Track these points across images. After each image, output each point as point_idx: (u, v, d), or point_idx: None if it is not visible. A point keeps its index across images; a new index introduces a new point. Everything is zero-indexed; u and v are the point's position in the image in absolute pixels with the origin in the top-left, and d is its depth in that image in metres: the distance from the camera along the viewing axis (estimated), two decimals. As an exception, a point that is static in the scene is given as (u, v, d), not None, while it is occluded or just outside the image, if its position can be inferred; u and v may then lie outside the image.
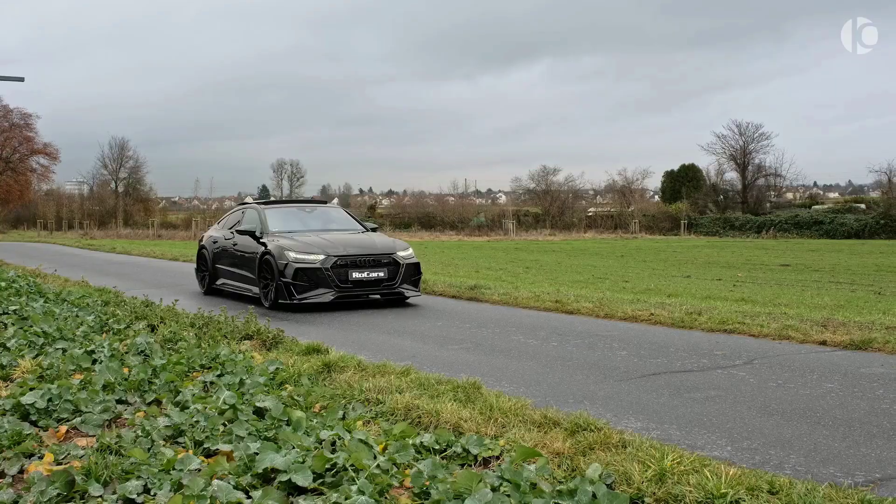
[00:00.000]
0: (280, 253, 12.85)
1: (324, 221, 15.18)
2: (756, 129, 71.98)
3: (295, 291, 12.58)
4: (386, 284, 13.05)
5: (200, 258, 16.17)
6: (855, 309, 13.09)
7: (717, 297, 14.98)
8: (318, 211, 15.79)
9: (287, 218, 14.84)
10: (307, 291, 12.59)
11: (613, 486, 4.24)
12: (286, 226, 14.41)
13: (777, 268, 26.59)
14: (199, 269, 16.30)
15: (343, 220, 15.53)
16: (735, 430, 5.50)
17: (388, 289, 13.10)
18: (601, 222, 70.27)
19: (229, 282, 14.94)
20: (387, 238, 14.25)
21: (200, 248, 16.24)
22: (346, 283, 12.72)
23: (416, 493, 4.13)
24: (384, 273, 12.99)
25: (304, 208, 15.76)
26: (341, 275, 12.68)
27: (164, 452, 4.65)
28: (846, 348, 8.64)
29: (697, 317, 10.69)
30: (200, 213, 74.15)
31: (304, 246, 12.98)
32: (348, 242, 13.30)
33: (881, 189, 68.85)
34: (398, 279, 13.13)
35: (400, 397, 6.01)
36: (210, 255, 15.66)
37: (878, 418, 5.78)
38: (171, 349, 8.22)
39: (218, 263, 15.39)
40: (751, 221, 64.34)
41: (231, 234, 15.10)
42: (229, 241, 15.00)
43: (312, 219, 15.17)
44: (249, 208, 15.42)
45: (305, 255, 12.72)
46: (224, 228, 15.77)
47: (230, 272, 14.89)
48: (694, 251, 39.29)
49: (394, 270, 13.10)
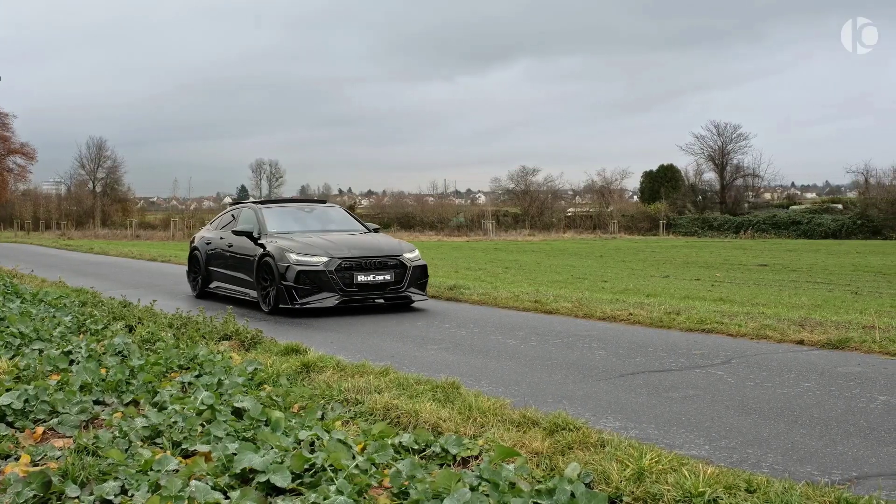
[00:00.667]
0: (280, 255, 12.27)
1: (323, 222, 14.54)
2: (734, 130, 72.27)
3: (297, 295, 12.00)
4: (392, 288, 12.47)
5: (192, 260, 15.49)
6: (832, 308, 13.18)
7: (696, 297, 15.05)
8: (318, 211, 15.07)
9: (286, 218, 14.21)
10: (310, 295, 12.02)
11: (592, 486, 4.25)
12: (285, 226, 13.80)
13: (755, 268, 26.72)
14: (190, 271, 15.64)
15: (343, 220, 14.86)
16: (713, 429, 5.53)
17: (394, 292, 12.51)
18: (580, 222, 70.38)
19: (224, 285, 14.30)
20: (392, 239, 13.71)
21: (192, 250, 15.52)
22: (350, 287, 12.13)
23: (395, 493, 4.13)
24: (390, 276, 12.40)
25: (302, 208, 15.09)
26: (345, 278, 12.09)
27: (142, 453, 4.62)
28: (823, 348, 8.69)
29: (676, 316, 10.73)
30: (179, 214, 73.89)
31: (306, 247, 12.40)
32: (352, 244, 12.71)
33: (858, 189, 69.31)
34: (405, 282, 12.53)
35: (379, 397, 6.00)
36: (203, 256, 14.98)
37: (855, 417, 5.82)
38: (148, 350, 8.18)
39: (212, 265, 14.74)
40: (729, 222, 64.63)
41: (226, 234, 14.48)
42: (224, 243, 14.37)
43: (312, 219, 14.53)
44: (245, 208, 14.76)
45: (308, 257, 12.15)
46: (218, 229, 15.16)
47: (225, 275, 14.26)
48: (672, 251, 39.42)
49: (400, 273, 12.50)
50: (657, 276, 22.32)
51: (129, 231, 65.58)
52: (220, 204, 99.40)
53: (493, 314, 12.04)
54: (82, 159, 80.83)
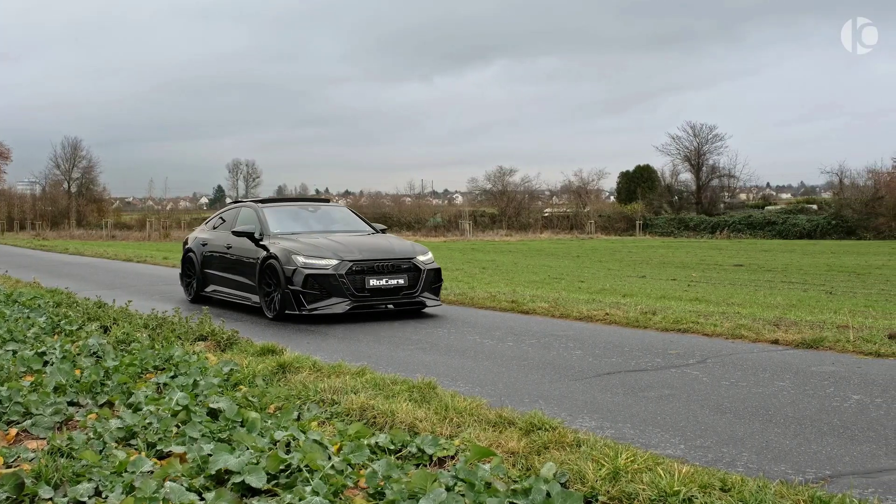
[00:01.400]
0: (286, 257, 11.48)
1: (328, 222, 13.70)
2: (710, 131, 72.70)
3: (304, 301, 11.20)
4: (406, 293, 11.70)
5: (186, 262, 14.64)
6: (807, 308, 13.28)
7: (672, 297, 15.12)
8: (322, 210, 14.18)
9: (289, 218, 13.39)
10: (319, 301, 11.23)
11: (568, 485, 4.26)
12: (288, 226, 12.99)
13: (731, 268, 26.88)
14: (184, 274, 14.80)
15: (349, 220, 14.05)
16: (688, 429, 5.56)
17: (408, 297, 11.75)
18: (557, 223, 70.57)
19: (222, 289, 13.51)
20: (404, 240, 13.02)
21: (186, 252, 14.64)
22: (362, 292, 11.32)
23: (371, 494, 4.12)
24: (404, 280, 11.63)
25: (306, 207, 14.22)
26: (357, 282, 11.30)
27: (117, 454, 4.59)
28: (798, 347, 8.75)
29: (652, 316, 10.78)
30: (155, 214, 73.48)
31: (314, 249, 11.61)
32: (362, 245, 11.92)
33: (832, 190, 69.78)
34: (419, 287, 11.80)
35: (355, 398, 5.99)
36: (198, 259, 14.14)
37: (829, 416, 5.86)
38: (123, 350, 8.13)
39: (208, 268, 13.92)
40: (705, 222, 64.99)
41: (224, 235, 13.66)
42: (222, 244, 13.56)
43: (316, 219, 13.69)
44: (245, 207, 13.89)
45: (316, 259, 11.36)
46: (215, 229, 14.39)
47: (223, 278, 13.45)
48: (649, 251, 39.60)
49: (414, 277, 11.76)
50: (634, 277, 22.41)
51: (105, 231, 65.19)
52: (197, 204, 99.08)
53: (469, 314, 12.04)
54: (57, 159, 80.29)
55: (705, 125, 73.09)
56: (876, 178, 62.68)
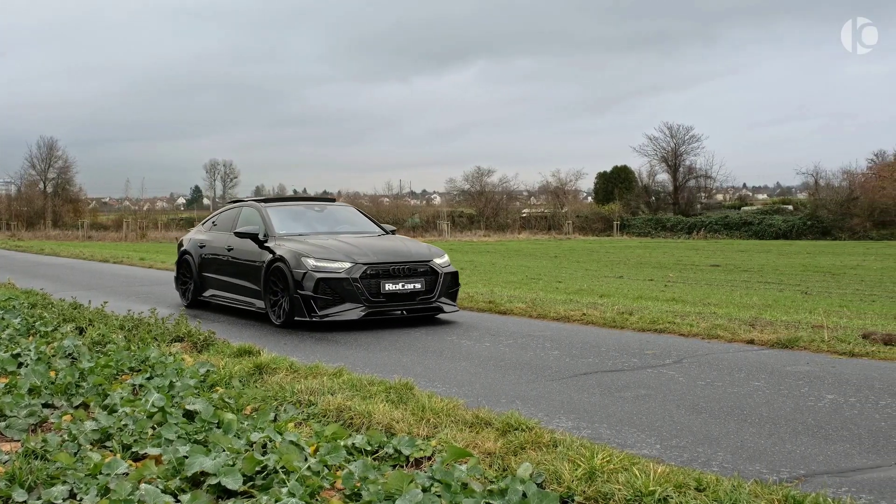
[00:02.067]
0: (296, 260, 10.78)
1: (336, 222, 13.02)
2: (687, 132, 73.05)
3: (316, 306, 10.51)
4: (423, 298, 11.02)
5: (182, 265, 13.87)
6: (782, 308, 13.37)
7: (649, 297, 15.18)
8: (328, 210, 13.48)
9: (294, 218, 12.70)
10: (331, 307, 10.54)
11: (544, 485, 4.27)
12: (294, 227, 12.30)
13: (707, 268, 27.02)
14: (179, 278, 14.02)
15: (357, 220, 13.32)
16: (664, 429, 5.58)
17: (424, 303, 11.06)
18: (535, 223, 70.73)
19: (222, 293, 12.76)
20: (419, 242, 12.34)
21: (182, 254, 13.91)
22: (377, 297, 10.67)
23: (348, 495, 4.12)
24: (421, 284, 10.96)
25: (311, 207, 13.48)
26: (372, 287, 10.63)
27: (91, 457, 4.57)
28: (773, 347, 8.81)
29: (629, 317, 10.82)
30: (132, 214, 73.00)
31: (325, 251, 10.92)
32: (376, 247, 11.25)
33: (808, 191, 70.22)
34: (437, 291, 11.11)
35: (332, 399, 5.98)
36: (195, 261, 13.38)
37: (803, 415, 5.91)
38: (99, 352, 8.08)
39: (206, 272, 13.17)
40: (682, 222, 65.31)
41: (224, 236, 12.91)
42: (222, 246, 12.79)
43: (323, 219, 13.00)
44: (247, 206, 13.15)
45: (328, 262, 10.67)
46: (213, 230, 13.62)
47: (224, 282, 12.70)
48: (626, 252, 39.75)
49: (432, 281, 11.09)
50: (611, 277, 22.49)
51: (81, 232, 64.72)
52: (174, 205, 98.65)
53: (447, 315, 12.04)
54: (33, 159, 79.54)
55: (682, 126, 73.54)
56: (851, 179, 63.24)
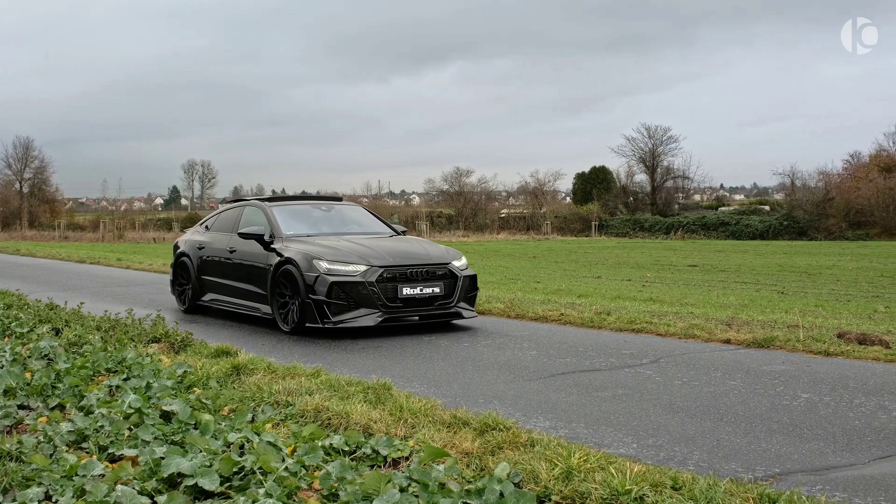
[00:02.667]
0: (307, 262, 10.15)
1: (344, 223, 12.43)
2: (664, 132, 73.32)
3: (329, 312, 9.87)
4: (441, 302, 10.39)
5: (179, 268, 13.15)
6: (758, 308, 13.46)
7: (627, 297, 15.25)
8: (336, 210, 12.86)
9: (301, 218, 12.08)
10: (345, 312, 9.91)
11: (521, 485, 4.28)
12: (301, 228, 11.68)
13: (685, 268, 27.14)
14: (176, 281, 13.27)
15: (366, 221, 12.73)
16: (641, 428, 5.61)
17: (443, 308, 10.43)
18: (514, 223, 70.82)
19: (224, 298, 12.07)
20: (436, 244, 11.63)
21: (179, 256, 13.19)
22: (394, 302, 10.03)
23: (325, 495, 4.12)
24: (440, 288, 10.32)
25: (318, 206, 12.78)
26: (389, 291, 10.01)
27: (67, 458, 4.54)
28: (749, 346, 8.87)
29: (606, 317, 10.86)
30: (109, 215, 72.61)
31: (338, 253, 10.28)
32: (392, 249, 10.63)
33: (784, 191, 70.68)
34: (456, 296, 10.50)
35: (310, 399, 5.98)
36: (194, 263, 12.69)
37: (779, 414, 5.95)
38: (75, 353, 8.03)
39: (206, 275, 12.49)
40: (660, 223, 65.56)
41: (225, 237, 12.27)
42: (223, 247, 12.13)
43: (331, 219, 12.40)
44: (249, 206, 12.46)
45: (342, 265, 10.05)
46: (213, 231, 12.88)
47: (225, 286, 12.01)
48: (605, 252, 39.87)
49: (451, 285, 10.47)
50: (589, 277, 22.56)
51: (58, 232, 64.28)
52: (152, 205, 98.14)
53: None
54: (8, 159, 78.83)
55: (660, 127, 73.76)
56: (826, 179, 63.78)
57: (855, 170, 64.39)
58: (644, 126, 74.51)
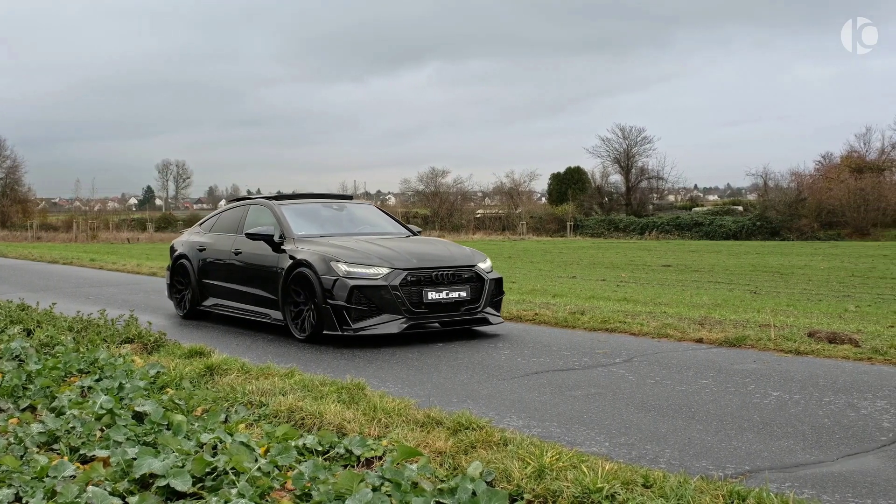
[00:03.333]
0: (324, 265, 9.45)
1: (357, 223, 11.68)
2: (639, 133, 73.64)
3: (349, 318, 9.17)
4: (468, 308, 9.73)
5: (178, 271, 12.37)
6: (731, 307, 13.54)
7: (601, 297, 15.30)
8: (348, 209, 12.04)
9: (311, 217, 11.32)
10: (367, 318, 9.21)
11: (494, 484, 4.30)
12: (313, 228, 10.94)
13: (659, 268, 27.27)
14: (174, 285, 12.50)
15: (380, 220, 11.98)
16: (613, 427, 5.65)
17: (469, 314, 9.77)
18: (489, 224, 70.91)
19: (228, 303, 11.34)
20: (459, 245, 10.94)
21: (177, 259, 12.42)
22: (419, 308, 9.37)
23: (298, 495, 4.12)
24: (466, 293, 9.67)
25: (330, 205, 11.94)
26: (413, 295, 9.33)
27: (38, 459, 4.52)
28: (721, 345, 8.94)
29: (580, 316, 10.90)
30: (82, 215, 72.03)
31: (358, 255, 9.59)
32: (414, 251, 9.94)
33: (757, 192, 71.28)
34: (483, 300, 9.86)
35: (284, 399, 5.98)
36: (194, 266, 11.95)
37: (749, 412, 6.00)
38: (47, 354, 7.99)
39: (208, 278, 11.76)
40: (634, 223, 65.83)
41: (229, 238, 11.53)
42: (227, 249, 11.40)
43: (343, 219, 11.66)
44: (255, 205, 11.70)
45: (363, 267, 9.38)
46: (214, 232, 12.12)
47: (230, 290, 11.27)
48: (580, 252, 39.99)
49: (477, 289, 9.82)
50: (564, 277, 22.62)
51: (30, 233, 63.76)
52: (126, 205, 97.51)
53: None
54: (-21, 159, 78.20)
55: (634, 128, 74.06)
56: (799, 180, 64.29)
57: (827, 171, 64.96)
58: (619, 127, 74.84)
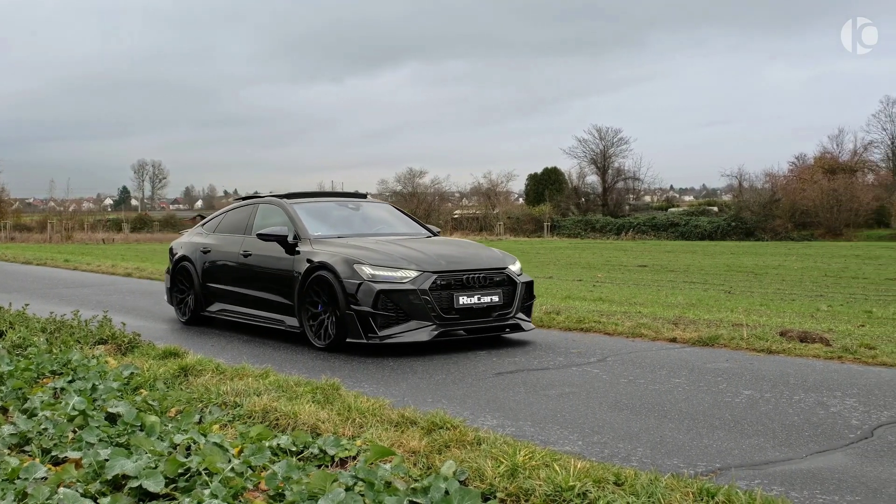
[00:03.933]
0: (346, 268, 8.80)
1: (373, 222, 11.00)
2: (615, 134, 74.05)
3: (375, 325, 8.54)
4: (500, 313, 9.07)
5: (179, 274, 11.69)
6: (705, 307, 13.63)
7: (577, 297, 15.35)
8: (364, 208, 11.32)
9: (326, 217, 10.65)
10: (394, 325, 8.59)
11: (467, 483, 4.32)
12: (329, 228, 10.27)
13: (635, 268, 27.39)
14: (174, 289, 11.80)
15: (398, 220, 11.32)
16: (586, 425, 5.68)
17: (501, 319, 9.10)
18: (467, 224, 70.99)
19: (236, 308, 10.66)
20: (487, 246, 10.28)
21: (178, 261, 11.72)
22: (449, 314, 8.72)
23: (272, 496, 4.12)
24: (498, 297, 9.02)
25: (345, 204, 11.24)
26: (443, 300, 8.70)
27: (9, 461, 4.49)
28: (694, 345, 9.00)
29: (556, 316, 10.94)
30: (56, 215, 71.53)
31: (383, 257, 8.95)
32: (442, 253, 9.29)
33: (732, 193, 71.85)
34: (515, 305, 9.21)
35: (258, 399, 5.97)
36: (198, 269, 11.26)
37: (721, 411, 6.06)
38: (19, 355, 7.93)
39: (213, 282, 11.07)
40: (611, 223, 66.10)
41: (237, 238, 10.87)
42: (234, 250, 10.73)
43: (359, 219, 10.97)
44: (264, 204, 10.98)
45: (388, 270, 8.73)
46: (219, 232, 11.43)
47: (238, 294, 10.59)
48: (557, 252, 40.11)
49: (510, 293, 9.17)
50: (541, 277, 22.65)
51: (4, 233, 63.24)
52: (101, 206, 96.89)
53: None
54: (-49, 159, 77.61)
55: (611, 128, 74.49)
56: (773, 181, 64.89)
57: (800, 171, 65.58)
58: (595, 128, 75.23)
